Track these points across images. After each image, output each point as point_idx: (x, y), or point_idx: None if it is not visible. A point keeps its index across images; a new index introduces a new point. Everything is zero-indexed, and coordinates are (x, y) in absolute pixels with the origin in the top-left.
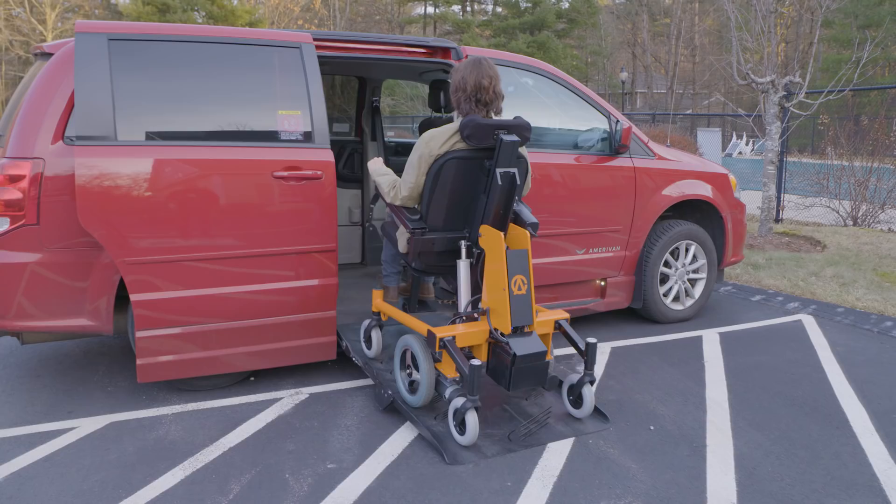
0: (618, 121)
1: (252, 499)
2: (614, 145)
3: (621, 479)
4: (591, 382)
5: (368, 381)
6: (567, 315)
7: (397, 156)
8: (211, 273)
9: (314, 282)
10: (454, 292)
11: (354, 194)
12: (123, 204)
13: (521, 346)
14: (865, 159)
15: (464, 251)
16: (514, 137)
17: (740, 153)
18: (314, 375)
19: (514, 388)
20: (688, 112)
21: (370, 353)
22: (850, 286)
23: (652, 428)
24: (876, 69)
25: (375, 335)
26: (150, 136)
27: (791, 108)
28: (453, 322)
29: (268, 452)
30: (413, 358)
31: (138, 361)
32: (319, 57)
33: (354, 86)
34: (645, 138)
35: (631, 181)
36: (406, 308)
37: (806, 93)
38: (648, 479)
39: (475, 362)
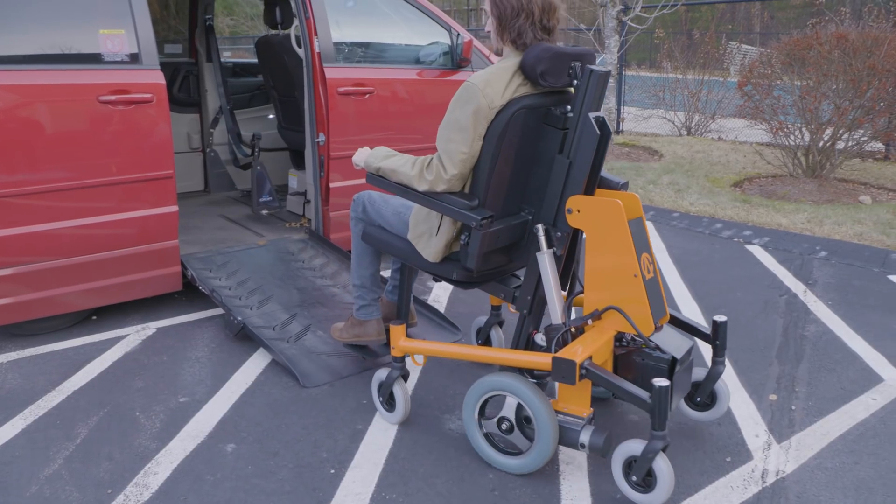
0: (459, 34)
1: (101, 441)
2: (456, 59)
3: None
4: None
5: (218, 311)
6: None
7: (235, 77)
8: (39, 208)
9: (152, 211)
10: (510, 299)
11: (192, 119)
12: None
13: (672, 348)
14: (698, 72)
15: (543, 238)
16: (604, 68)
17: None
18: (161, 309)
19: (673, 404)
20: None
21: (394, 418)
22: (684, 192)
23: (503, 335)
24: None
25: (400, 391)
26: None
27: (628, 23)
28: (556, 339)
29: (116, 392)
30: (504, 407)
31: None
32: None
33: (186, 4)
34: (486, 51)
35: None
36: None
37: (642, 7)
38: None
39: (661, 383)
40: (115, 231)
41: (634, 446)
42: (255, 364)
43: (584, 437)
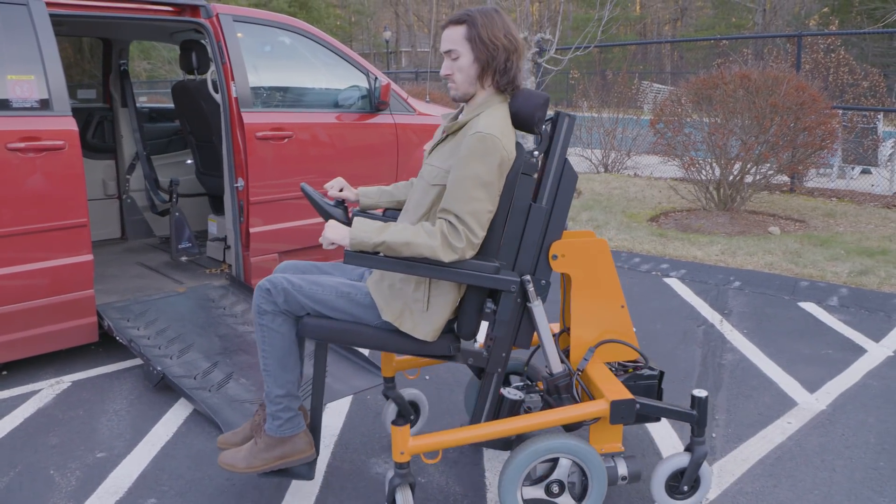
0: (376, 78)
1: (12, 503)
2: (374, 102)
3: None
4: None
5: (137, 361)
6: None
7: (152, 122)
8: None
9: (66, 260)
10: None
11: (108, 165)
12: None
13: (653, 362)
14: (613, 110)
15: (532, 289)
16: (572, 113)
17: None
18: (76, 361)
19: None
20: None
21: None
22: (603, 228)
23: (427, 378)
24: (618, 27)
25: (404, 498)
26: None
27: (543, 64)
28: (561, 385)
29: (28, 450)
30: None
31: None
32: (53, 15)
33: (100, 48)
34: (404, 94)
35: (393, 137)
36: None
37: (557, 49)
38: (426, 428)
39: (701, 394)
40: (27, 282)
41: (678, 460)
42: (177, 415)
43: (623, 469)
